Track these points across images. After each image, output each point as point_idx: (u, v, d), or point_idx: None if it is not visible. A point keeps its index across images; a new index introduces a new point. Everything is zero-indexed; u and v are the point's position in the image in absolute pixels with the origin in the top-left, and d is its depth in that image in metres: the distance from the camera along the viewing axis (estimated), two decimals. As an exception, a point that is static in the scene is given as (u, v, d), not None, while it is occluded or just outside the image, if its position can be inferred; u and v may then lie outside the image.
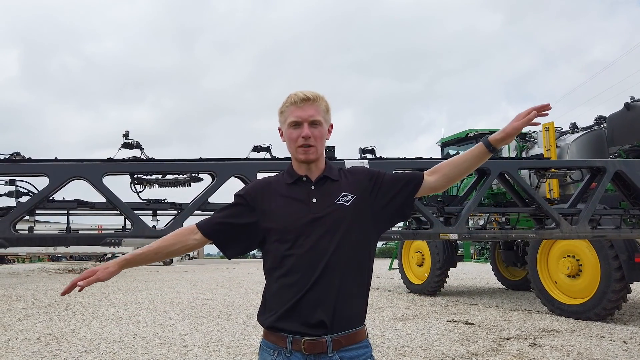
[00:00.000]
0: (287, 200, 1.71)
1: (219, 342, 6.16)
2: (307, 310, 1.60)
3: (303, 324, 1.60)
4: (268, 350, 1.67)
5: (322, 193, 1.71)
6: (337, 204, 1.69)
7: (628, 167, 4.65)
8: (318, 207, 1.68)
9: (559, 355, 5.24)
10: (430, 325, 7.14)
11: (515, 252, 10.81)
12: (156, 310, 9.31)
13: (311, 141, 1.68)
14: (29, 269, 23.94)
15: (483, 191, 4.58)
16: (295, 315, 1.61)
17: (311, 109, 1.69)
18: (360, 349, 1.66)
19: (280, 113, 1.77)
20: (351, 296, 1.65)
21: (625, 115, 8.32)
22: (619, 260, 6.88)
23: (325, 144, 1.80)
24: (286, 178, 1.77)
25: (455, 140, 11.89)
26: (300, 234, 1.64)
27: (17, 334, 6.84)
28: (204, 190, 3.92)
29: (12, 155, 3.78)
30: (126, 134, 4.06)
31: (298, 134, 1.69)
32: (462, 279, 16.62)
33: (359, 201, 1.71)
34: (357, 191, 1.73)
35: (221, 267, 33.49)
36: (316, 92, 1.72)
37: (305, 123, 1.68)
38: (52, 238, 3.90)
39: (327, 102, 1.76)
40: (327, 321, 1.59)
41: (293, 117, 1.69)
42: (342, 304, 1.62)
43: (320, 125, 1.71)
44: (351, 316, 1.65)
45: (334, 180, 1.75)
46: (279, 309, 1.64)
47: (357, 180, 1.77)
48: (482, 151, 1.76)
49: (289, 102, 1.72)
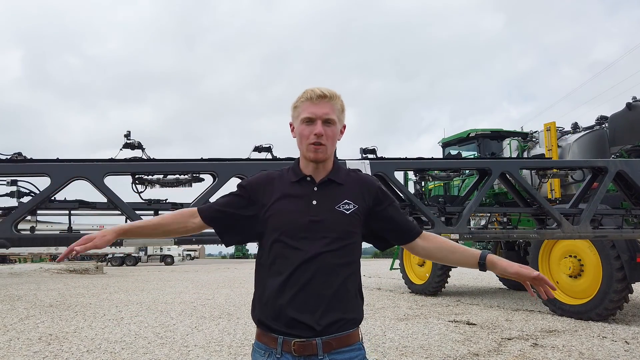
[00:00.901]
0: (288, 198, 1.69)
1: (221, 342, 6.17)
2: (298, 311, 1.58)
3: (293, 325, 1.59)
4: (259, 352, 1.67)
5: (324, 196, 1.68)
6: (337, 210, 1.66)
7: (630, 167, 4.65)
8: (317, 210, 1.65)
9: (560, 355, 5.23)
10: (431, 326, 7.14)
11: (516, 252, 10.79)
12: (157, 310, 9.31)
13: (323, 140, 1.64)
14: (31, 269, 23.97)
15: (484, 191, 4.58)
16: (284, 316, 1.59)
17: (326, 107, 1.65)
18: (353, 351, 1.64)
19: (293, 107, 1.72)
20: (343, 299, 1.63)
21: (627, 115, 8.32)
22: (621, 260, 6.87)
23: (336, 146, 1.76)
24: (291, 176, 1.73)
25: (457, 140, 11.88)
26: (295, 234, 1.62)
27: (18, 334, 6.85)
28: (205, 190, 3.92)
29: (13, 155, 3.79)
30: (127, 135, 4.06)
31: (310, 131, 1.64)
32: (463, 279, 16.62)
33: (358, 212, 1.69)
34: (359, 201, 1.70)
35: (222, 267, 33.51)
36: (333, 90, 1.67)
37: (319, 120, 1.63)
38: (54, 238, 3.90)
39: (342, 102, 1.71)
40: (317, 323, 1.58)
41: (307, 113, 1.65)
42: (334, 307, 1.60)
43: (334, 125, 1.67)
44: (343, 319, 1.62)
45: (339, 184, 1.71)
46: (270, 307, 1.63)
47: (364, 192, 1.73)
48: (474, 260, 1.73)
49: (305, 97, 1.67)
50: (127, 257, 40.04)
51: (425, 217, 4.37)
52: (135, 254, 40.83)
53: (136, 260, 40.87)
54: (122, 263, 39.43)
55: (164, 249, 42.18)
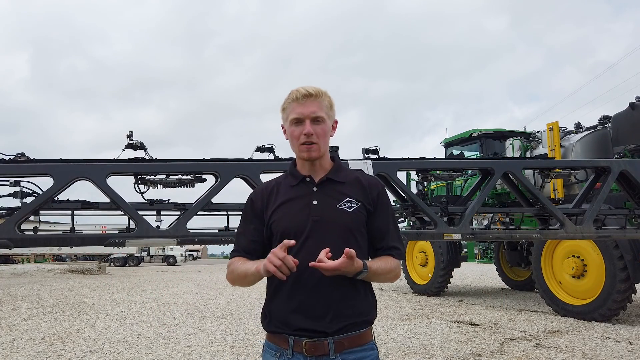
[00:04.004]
0: (289, 202, 1.69)
1: (223, 342, 6.17)
2: (307, 318, 1.58)
3: (303, 326, 1.58)
4: (270, 352, 1.66)
5: (324, 195, 1.67)
6: (339, 209, 1.65)
7: (633, 167, 4.63)
8: (318, 210, 1.65)
9: (563, 356, 5.22)
10: (434, 326, 7.13)
11: (519, 253, 10.77)
12: (160, 311, 9.33)
13: (313, 138, 1.63)
14: (34, 269, 24.03)
15: (487, 191, 4.57)
16: (294, 325, 1.59)
17: (313, 105, 1.64)
18: (365, 351, 1.63)
19: (282, 110, 1.72)
20: (353, 298, 1.62)
21: (630, 114, 8.29)
22: (624, 260, 6.85)
23: (330, 142, 1.75)
24: (290, 180, 1.74)
25: (459, 140, 11.86)
26: (299, 236, 1.61)
27: (21, 334, 6.87)
28: (208, 190, 3.92)
29: (16, 156, 3.79)
30: (130, 135, 4.06)
31: (300, 131, 1.64)
32: (466, 279, 16.58)
33: (361, 209, 1.67)
34: (362, 199, 1.69)
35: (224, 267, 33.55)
36: (318, 88, 1.67)
37: (307, 120, 1.63)
38: (57, 238, 3.90)
39: (330, 98, 1.70)
40: (328, 324, 1.57)
41: (295, 114, 1.65)
42: (343, 310, 1.59)
43: (323, 122, 1.66)
44: (354, 318, 1.62)
45: (339, 183, 1.70)
46: (280, 312, 1.63)
47: (366, 192, 1.71)
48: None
49: (291, 98, 1.67)
50: (130, 258, 40.02)
51: (428, 217, 4.35)
52: (137, 254, 40.80)
53: (139, 260, 40.86)
54: (125, 263, 39.44)
55: (166, 249, 42.17)
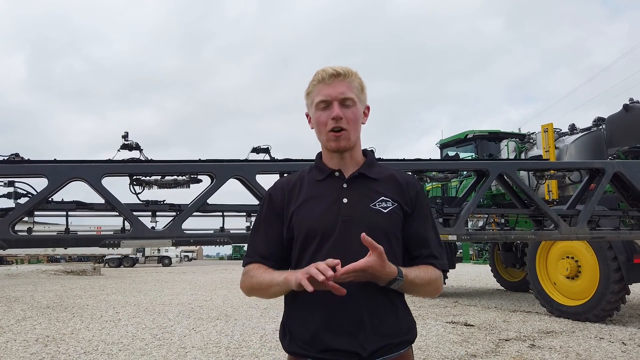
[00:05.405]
0: (315, 200, 1.45)
1: (218, 343, 6.16)
2: (336, 335, 1.35)
3: (332, 350, 1.34)
4: None
5: (356, 193, 1.44)
6: (373, 209, 1.42)
7: (627, 168, 4.66)
8: (349, 209, 1.41)
9: (558, 356, 5.24)
10: (429, 327, 7.14)
11: (514, 254, 10.82)
12: (155, 312, 9.30)
13: (343, 123, 1.40)
14: (28, 271, 23.89)
15: (482, 192, 4.58)
16: (320, 343, 1.35)
17: (342, 86, 1.41)
18: None
19: (306, 95, 1.49)
20: (387, 315, 1.39)
21: (624, 116, 8.34)
22: (618, 261, 6.88)
23: (361, 130, 1.50)
24: (315, 175, 1.50)
25: (455, 141, 11.89)
26: (325, 239, 1.39)
27: (15, 336, 6.83)
28: (203, 191, 3.91)
29: (11, 156, 3.77)
30: (125, 135, 4.05)
31: (327, 116, 1.41)
32: (461, 280, 16.62)
33: (398, 210, 1.44)
34: (398, 198, 1.46)
35: (220, 268, 33.45)
36: (348, 67, 1.44)
37: (335, 102, 1.40)
38: (51, 239, 3.88)
39: (361, 79, 1.46)
40: (362, 347, 1.34)
41: (321, 96, 1.42)
42: (379, 322, 1.36)
43: (354, 105, 1.42)
44: (392, 337, 1.38)
45: (373, 179, 1.47)
46: (303, 331, 1.39)
47: (403, 191, 1.48)
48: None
49: (316, 79, 1.44)
50: (125, 259, 39.87)
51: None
52: (132, 255, 40.66)
53: (134, 261, 40.71)
54: (120, 264, 39.28)
55: (161, 250, 42.06)
